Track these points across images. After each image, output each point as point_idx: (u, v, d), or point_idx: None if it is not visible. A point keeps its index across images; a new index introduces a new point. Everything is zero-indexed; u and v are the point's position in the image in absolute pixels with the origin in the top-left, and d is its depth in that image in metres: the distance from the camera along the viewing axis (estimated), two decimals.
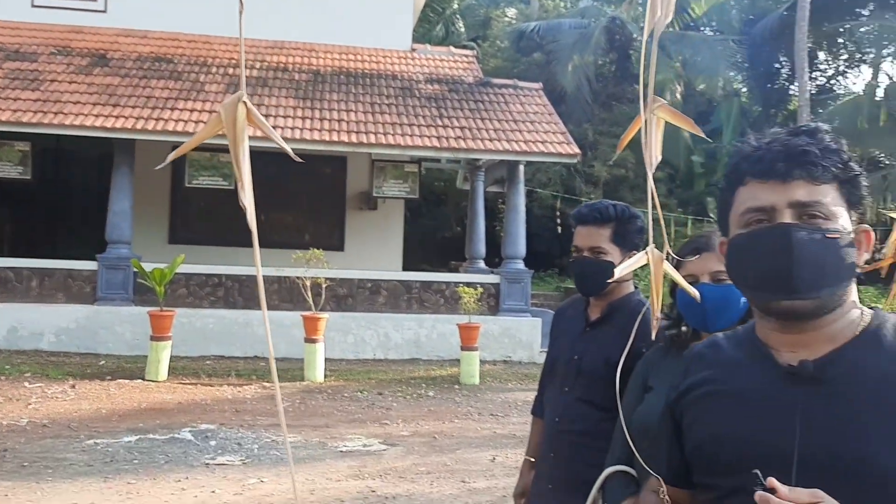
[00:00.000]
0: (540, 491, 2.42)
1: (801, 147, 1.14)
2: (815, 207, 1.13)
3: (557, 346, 2.48)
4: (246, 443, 6.58)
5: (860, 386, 1.11)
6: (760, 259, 1.14)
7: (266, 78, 12.70)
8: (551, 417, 2.40)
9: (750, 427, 1.17)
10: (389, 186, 12.87)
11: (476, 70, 14.59)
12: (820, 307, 1.13)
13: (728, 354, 1.27)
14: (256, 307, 11.52)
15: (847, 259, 1.13)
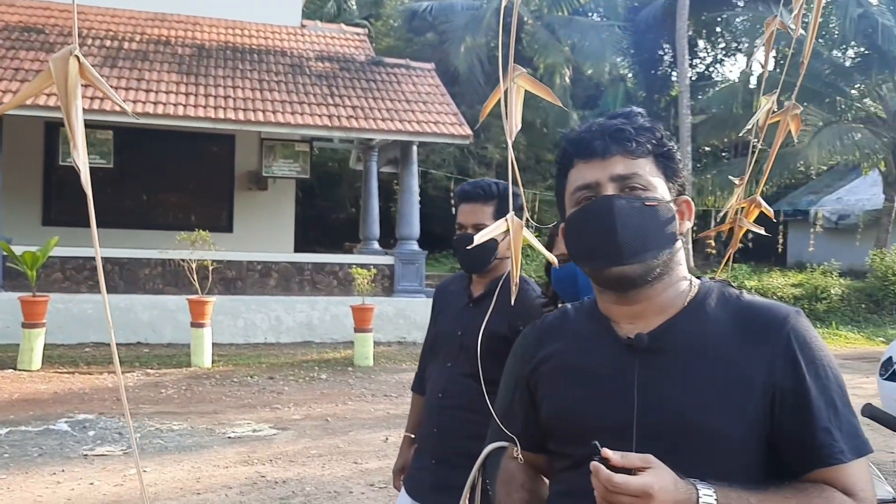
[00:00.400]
0: (423, 465, 2.44)
1: (616, 126, 1.24)
2: (634, 179, 1.22)
3: (440, 323, 2.51)
4: (127, 432, 6.31)
5: (690, 354, 1.19)
6: (590, 231, 1.22)
7: (146, 51, 12.11)
8: (434, 393, 2.42)
9: (594, 399, 1.24)
10: (279, 166, 12.58)
11: (368, 49, 14.43)
12: (646, 271, 1.21)
13: (575, 327, 1.35)
14: (138, 291, 11.05)
15: (668, 226, 1.22)
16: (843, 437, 1.14)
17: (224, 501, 4.78)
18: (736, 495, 1.08)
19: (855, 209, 20.72)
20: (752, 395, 1.15)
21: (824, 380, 1.16)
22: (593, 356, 1.28)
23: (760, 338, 1.18)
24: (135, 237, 12.33)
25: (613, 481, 1.04)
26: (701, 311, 1.23)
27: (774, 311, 1.21)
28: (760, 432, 1.16)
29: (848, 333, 14.24)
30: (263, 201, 13.99)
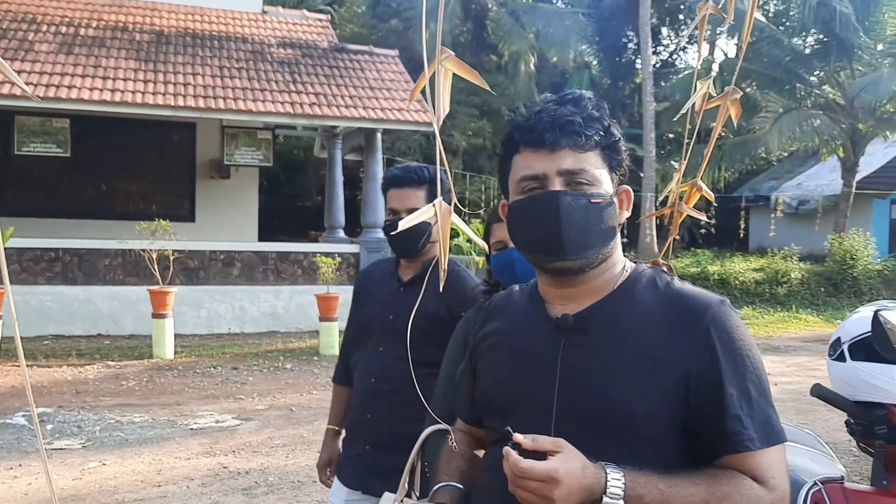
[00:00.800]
0: (356, 453, 2.42)
1: (566, 117, 1.23)
2: (581, 175, 1.22)
3: (367, 309, 2.49)
4: (87, 425, 6.21)
5: (614, 336, 1.21)
6: (535, 224, 1.24)
7: (103, 38, 11.85)
8: (366, 379, 2.40)
9: (520, 377, 1.27)
10: (242, 154, 12.42)
11: (331, 35, 14.28)
12: (587, 265, 1.25)
13: (516, 306, 1.38)
14: (98, 282, 10.85)
15: (610, 221, 1.25)
16: (753, 426, 1.16)
17: (185, 493, 4.73)
18: (644, 479, 1.10)
19: (814, 195, 21.10)
20: (667, 381, 1.17)
21: (741, 368, 1.18)
22: (525, 335, 1.31)
23: (682, 325, 1.20)
24: (94, 227, 12.10)
25: (520, 466, 1.06)
26: (629, 295, 1.26)
27: (698, 299, 1.23)
28: (676, 418, 1.17)
29: (808, 316, 14.53)
30: (226, 190, 13.81)
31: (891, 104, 16.89)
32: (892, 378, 2.01)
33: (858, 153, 17.60)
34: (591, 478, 1.08)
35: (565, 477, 1.05)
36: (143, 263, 10.08)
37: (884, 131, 17.49)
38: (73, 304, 10.62)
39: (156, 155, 13.34)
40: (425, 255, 2.42)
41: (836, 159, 18.99)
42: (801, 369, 9.26)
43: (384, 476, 2.26)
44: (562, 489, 1.05)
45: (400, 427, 2.28)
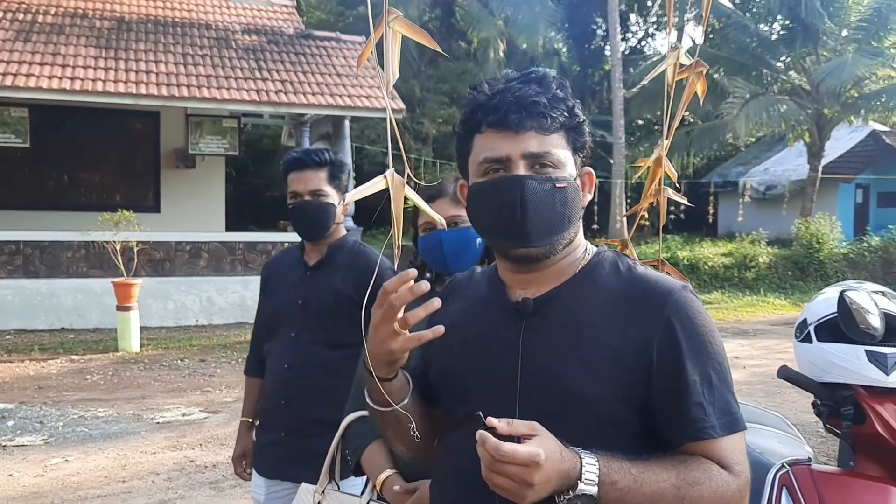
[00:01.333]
0: (271, 441, 2.42)
1: (531, 98, 1.19)
2: (546, 157, 1.19)
3: (277, 297, 2.47)
4: (49, 421, 6.07)
5: (572, 320, 1.20)
6: (497, 209, 1.19)
7: (62, 25, 11.55)
8: (279, 366, 2.40)
9: (479, 360, 1.25)
10: (207, 143, 12.19)
11: (297, 21, 14.08)
12: (550, 251, 1.22)
13: (475, 289, 1.35)
14: (61, 275, 10.61)
15: (573, 205, 1.22)
16: (715, 413, 1.15)
17: (151, 488, 4.64)
18: (618, 465, 1.08)
19: (781, 180, 21.37)
20: (627, 366, 1.15)
21: (702, 355, 1.17)
22: (483, 319, 1.28)
23: (642, 310, 1.18)
24: (56, 219, 11.81)
25: (501, 450, 1.01)
26: (589, 279, 1.24)
27: (660, 284, 1.21)
28: (637, 403, 1.16)
29: (775, 300, 14.72)
30: (192, 179, 13.56)
31: (855, 89, 17.12)
32: (858, 358, 2.00)
33: (824, 138, 17.83)
34: (568, 462, 1.05)
35: (547, 461, 1.02)
36: (107, 255, 9.87)
37: (848, 116, 17.74)
38: (35, 298, 10.37)
39: (118, 144, 13.06)
40: (330, 237, 2.43)
41: (802, 144, 19.23)
42: (770, 352, 9.37)
43: (300, 461, 2.28)
44: (542, 473, 1.02)
45: (316, 412, 2.30)
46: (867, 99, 16.76)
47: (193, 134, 12.10)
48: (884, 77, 17.24)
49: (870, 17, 17.39)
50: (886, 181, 21.09)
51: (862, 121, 18.55)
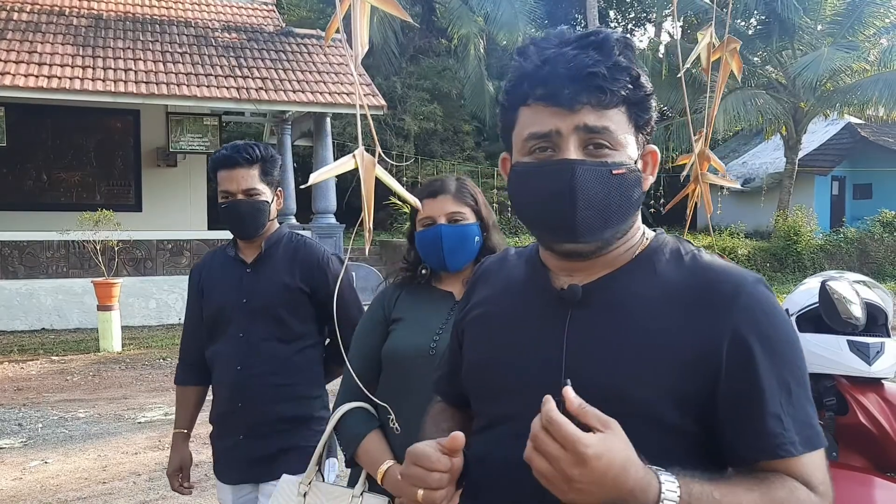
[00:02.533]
0: (230, 445, 2.34)
1: (589, 68, 1.00)
2: (602, 137, 1.02)
3: (216, 299, 2.38)
4: (28, 422, 6.04)
5: (625, 313, 1.04)
6: (542, 198, 1.03)
7: (39, 22, 11.45)
8: (230, 368, 2.32)
9: (519, 352, 1.09)
10: (188, 141, 12.14)
11: (277, 19, 14.04)
12: (602, 246, 1.06)
13: (511, 273, 1.21)
14: (41, 275, 10.55)
15: (634, 193, 1.05)
16: (795, 427, 0.98)
17: (132, 489, 4.64)
18: (699, 487, 0.92)
19: (759, 173, 21.55)
20: (687, 368, 0.99)
21: (780, 360, 0.99)
22: (521, 307, 1.14)
23: (708, 305, 1.01)
24: (35, 219, 11.73)
25: (552, 415, 0.86)
26: (646, 267, 1.08)
27: (730, 276, 1.04)
28: (697, 412, 1.00)
29: None
30: (173, 178, 13.50)
31: (830, 83, 17.30)
32: (840, 349, 1.97)
33: (801, 131, 18.01)
34: (636, 481, 0.88)
35: (596, 460, 0.85)
36: (87, 255, 9.82)
37: (824, 109, 17.91)
38: (14, 299, 10.30)
39: (98, 143, 12.97)
40: (265, 234, 2.38)
41: (779, 138, 19.40)
42: None
43: (266, 461, 2.28)
44: (585, 473, 0.85)
45: (274, 409, 2.28)
46: (842, 92, 16.94)
47: (174, 132, 12.05)
48: (858, 70, 17.42)
49: (844, 11, 17.59)
50: (862, 173, 21.37)
51: (837, 114, 18.74)
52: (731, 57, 1.30)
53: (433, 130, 19.42)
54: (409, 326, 1.91)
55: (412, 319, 1.92)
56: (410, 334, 1.89)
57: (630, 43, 1.05)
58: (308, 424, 2.34)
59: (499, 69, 22.82)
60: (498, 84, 21.73)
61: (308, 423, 2.34)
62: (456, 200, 1.91)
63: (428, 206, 1.91)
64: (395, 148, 18.30)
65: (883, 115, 17.15)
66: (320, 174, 0.92)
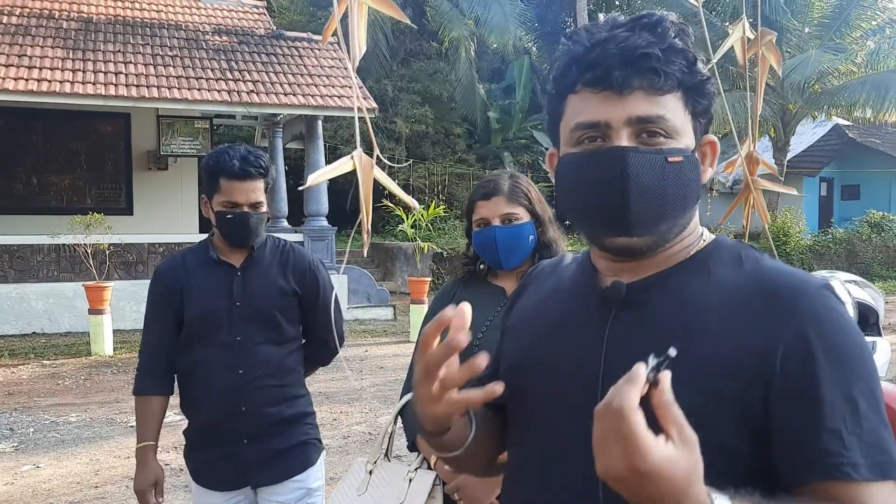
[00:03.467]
0: (231, 452, 2.30)
1: (641, 49, 0.93)
2: (657, 124, 0.94)
3: (203, 303, 2.31)
4: (20, 427, 6.03)
5: (674, 315, 0.96)
6: (592, 189, 0.96)
7: (28, 26, 11.42)
8: (230, 373, 2.27)
9: (557, 354, 1.03)
10: (179, 144, 12.14)
11: (267, 22, 14.04)
12: (658, 242, 0.98)
13: (561, 276, 1.14)
14: (31, 279, 10.52)
15: (691, 185, 0.97)
16: (860, 447, 0.85)
17: (124, 493, 4.64)
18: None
19: None
20: (739, 379, 0.90)
21: (846, 373, 0.88)
22: (565, 308, 1.07)
23: (766, 311, 0.91)
24: (26, 223, 11.69)
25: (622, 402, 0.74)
26: (701, 267, 0.99)
27: (792, 281, 0.94)
28: (750, 427, 0.90)
29: None
30: (165, 181, 13.49)
31: (818, 84, 17.43)
32: None
33: (789, 133, 18.14)
34: (691, 499, 0.77)
35: (647, 478, 0.74)
36: (78, 258, 9.81)
37: (812, 111, 18.05)
38: (5, 303, 10.26)
39: (89, 146, 12.95)
40: None
41: (767, 139, 19.53)
42: None
43: (270, 463, 2.30)
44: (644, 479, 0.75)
45: (274, 412, 2.30)
46: (830, 94, 17.08)
47: (165, 135, 12.05)
48: (846, 72, 17.56)
49: (831, 14, 17.74)
50: (850, 174, 21.53)
51: (825, 116, 18.89)
52: (769, 50, 1.24)
53: (424, 133, 19.44)
54: None
55: None
56: None
57: (686, 27, 0.98)
58: (302, 421, 2.39)
59: (489, 72, 22.88)
60: (488, 87, 21.80)
61: (302, 419, 2.39)
62: (509, 201, 1.95)
63: (482, 208, 1.96)
64: (386, 150, 18.32)
65: (870, 117, 17.28)
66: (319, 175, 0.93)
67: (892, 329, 10.84)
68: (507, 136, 21.21)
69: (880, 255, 17.71)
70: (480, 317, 1.90)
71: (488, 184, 2.00)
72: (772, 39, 1.20)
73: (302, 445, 2.34)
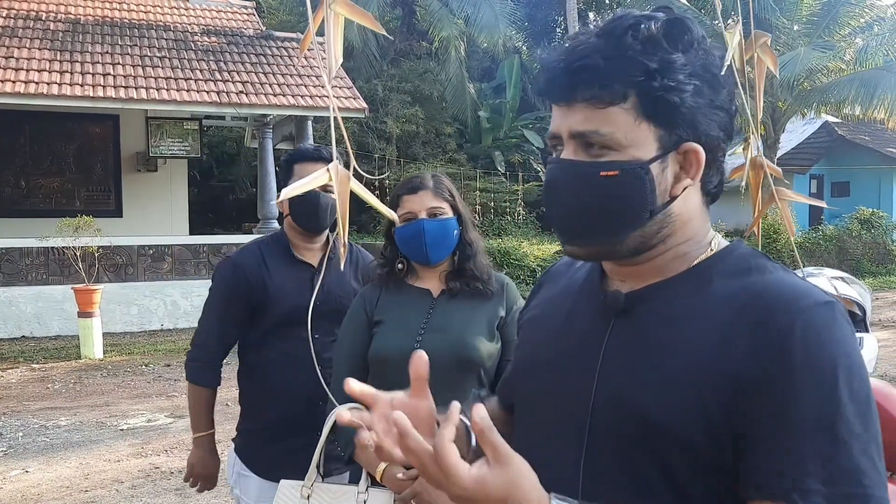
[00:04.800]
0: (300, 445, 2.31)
1: (580, 61, 0.91)
2: (592, 137, 0.92)
3: (287, 300, 2.37)
4: (8, 431, 5.98)
5: (665, 326, 0.94)
6: (546, 196, 0.99)
7: (15, 27, 11.35)
8: (305, 368, 2.31)
9: (556, 359, 1.04)
10: (168, 145, 12.08)
11: (257, 22, 13.99)
12: (609, 252, 0.98)
13: (574, 275, 1.14)
14: (20, 283, 10.44)
15: (634, 197, 0.93)
16: (822, 474, 0.80)
17: (114, 497, 4.61)
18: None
19: None
20: (717, 393, 0.87)
21: (828, 397, 0.82)
22: (571, 310, 1.07)
23: (756, 324, 0.87)
24: (13, 226, 11.62)
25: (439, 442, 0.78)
26: (701, 278, 0.96)
27: (791, 294, 0.89)
28: (729, 443, 0.87)
29: None
30: (154, 183, 13.43)
31: (807, 82, 17.50)
32: None
33: (779, 130, 18.20)
34: None
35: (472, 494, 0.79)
36: (67, 261, 9.75)
37: (802, 108, 18.11)
38: None
39: (77, 149, 12.88)
40: (324, 234, 2.44)
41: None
42: None
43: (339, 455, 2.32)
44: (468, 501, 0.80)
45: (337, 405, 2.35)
46: (819, 91, 17.14)
47: (154, 137, 11.99)
48: (835, 70, 17.63)
49: (820, 11, 17.79)
50: (839, 171, 21.62)
51: (815, 113, 18.96)
52: (764, 53, 1.24)
53: (415, 133, 19.41)
54: (391, 328, 1.96)
55: (393, 321, 1.97)
56: (393, 336, 1.94)
57: (655, 28, 0.91)
58: None
59: (479, 71, 22.87)
60: (479, 86, 21.78)
61: None
62: (435, 195, 1.98)
63: (408, 202, 1.97)
64: (376, 151, 18.29)
65: (859, 114, 17.36)
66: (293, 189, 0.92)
67: (881, 325, 10.89)
68: (498, 135, 21.21)
69: (870, 251, 17.79)
70: (415, 318, 1.95)
71: (413, 179, 2.03)
72: (766, 42, 1.20)
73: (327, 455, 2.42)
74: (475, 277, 2.00)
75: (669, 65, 0.91)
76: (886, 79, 15.85)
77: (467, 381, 1.89)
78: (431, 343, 1.87)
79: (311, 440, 2.27)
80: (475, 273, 2.00)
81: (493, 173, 19.76)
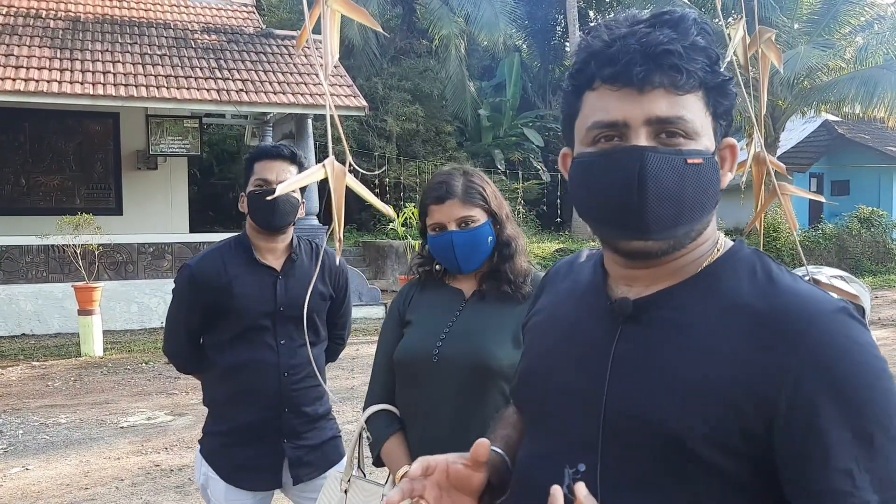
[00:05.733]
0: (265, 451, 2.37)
1: (663, 45, 0.89)
2: (677, 124, 0.90)
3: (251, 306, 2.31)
4: (8, 429, 6.00)
5: (675, 334, 0.93)
6: (607, 190, 0.92)
7: (15, 25, 11.35)
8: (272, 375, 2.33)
9: (566, 364, 1.01)
10: (168, 144, 12.09)
11: (257, 21, 13.99)
12: (674, 246, 0.94)
13: (577, 277, 1.12)
14: (20, 281, 10.46)
15: (710, 188, 0.93)
16: (871, 483, 0.81)
17: (114, 495, 4.62)
18: None
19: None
20: (733, 407, 0.86)
21: (859, 407, 0.82)
22: (578, 315, 1.05)
23: (773, 335, 0.87)
24: (13, 224, 11.63)
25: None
26: (711, 282, 0.95)
27: (806, 302, 0.89)
28: (749, 456, 0.86)
29: None
30: (154, 181, 13.44)
31: (807, 80, 17.50)
32: None
33: (779, 129, 18.20)
34: None
35: None
36: (67, 259, 9.76)
37: (801, 107, 18.12)
38: None
39: (77, 146, 12.89)
40: (287, 235, 2.37)
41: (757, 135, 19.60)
42: None
43: (307, 459, 2.36)
44: None
45: (313, 409, 2.38)
46: (819, 90, 17.15)
47: (154, 135, 12.00)
48: (835, 68, 17.64)
49: (820, 10, 17.81)
50: (839, 170, 21.63)
51: (814, 112, 18.97)
52: (768, 48, 1.21)
53: (415, 131, 19.41)
54: (416, 330, 1.91)
55: (420, 323, 1.92)
56: (417, 339, 1.89)
57: (707, 26, 0.94)
58: (328, 416, 2.47)
59: (479, 69, 22.87)
60: (479, 84, 21.78)
61: (328, 415, 2.47)
62: (464, 203, 1.85)
63: (437, 212, 1.87)
64: (376, 149, 18.30)
65: (859, 113, 17.36)
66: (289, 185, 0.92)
67: (880, 324, 10.91)
68: (498, 133, 21.22)
69: (870, 250, 17.80)
70: (440, 321, 1.88)
71: (440, 186, 1.88)
72: (771, 37, 1.19)
73: (333, 440, 2.43)
74: (508, 280, 1.88)
75: (720, 58, 0.94)
76: (886, 77, 15.86)
77: (486, 388, 1.80)
78: (451, 348, 1.82)
79: (277, 446, 2.33)
80: (509, 276, 1.88)
81: (493, 171, 19.75)
